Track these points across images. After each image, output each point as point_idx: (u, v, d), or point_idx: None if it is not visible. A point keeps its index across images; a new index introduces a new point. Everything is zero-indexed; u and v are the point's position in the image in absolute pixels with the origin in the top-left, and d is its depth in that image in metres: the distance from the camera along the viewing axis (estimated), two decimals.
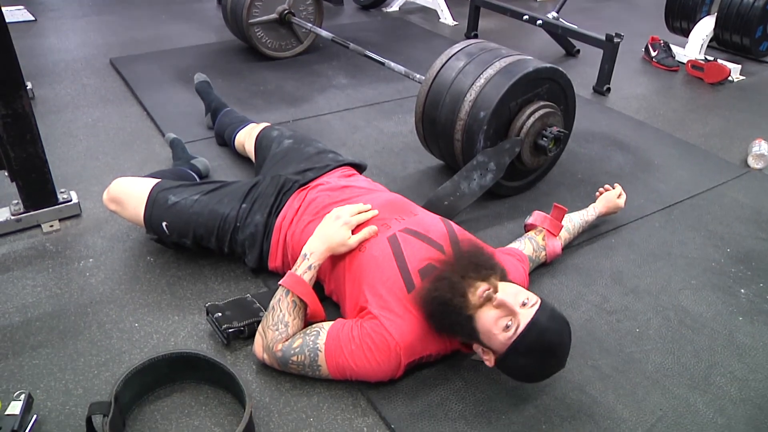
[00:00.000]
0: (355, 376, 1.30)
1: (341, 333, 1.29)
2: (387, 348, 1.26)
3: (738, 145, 2.57)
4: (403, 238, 1.39)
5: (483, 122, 1.85)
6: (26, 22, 3.62)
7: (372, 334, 1.27)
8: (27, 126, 1.66)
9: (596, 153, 2.44)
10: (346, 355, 1.27)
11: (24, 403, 1.21)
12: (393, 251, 1.36)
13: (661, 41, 3.51)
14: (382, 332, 1.26)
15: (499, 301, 1.20)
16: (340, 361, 1.28)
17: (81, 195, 1.93)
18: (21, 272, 1.65)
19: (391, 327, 1.27)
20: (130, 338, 1.45)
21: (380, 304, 1.30)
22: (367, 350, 1.26)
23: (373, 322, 1.28)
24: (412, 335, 1.27)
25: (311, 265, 1.37)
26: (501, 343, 1.20)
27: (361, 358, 1.27)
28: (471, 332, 1.24)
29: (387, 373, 1.29)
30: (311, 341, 1.30)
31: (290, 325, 1.32)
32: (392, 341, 1.26)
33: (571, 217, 1.82)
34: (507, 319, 1.19)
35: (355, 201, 1.51)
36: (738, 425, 1.31)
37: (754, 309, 1.65)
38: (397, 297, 1.30)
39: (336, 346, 1.28)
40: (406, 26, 3.97)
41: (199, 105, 2.45)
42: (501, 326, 1.19)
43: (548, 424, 1.28)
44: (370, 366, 1.27)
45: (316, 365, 1.30)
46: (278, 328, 1.32)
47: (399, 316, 1.28)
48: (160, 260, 1.71)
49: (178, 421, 1.26)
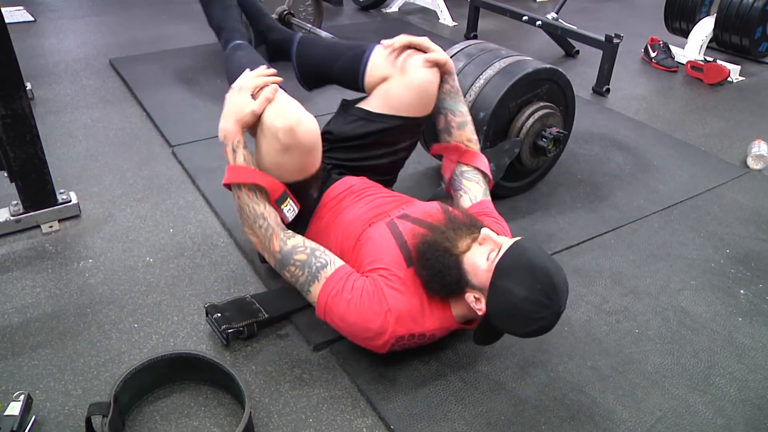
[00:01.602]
0: (335, 324, 1.30)
1: (346, 278, 1.29)
2: (379, 310, 1.25)
3: (737, 146, 2.58)
4: (402, 223, 1.40)
5: (482, 123, 1.85)
6: (26, 22, 3.62)
7: (371, 293, 1.27)
8: (26, 126, 1.66)
9: (596, 154, 2.44)
10: (340, 301, 1.27)
11: (23, 403, 1.21)
12: (392, 232, 1.38)
13: (660, 42, 3.51)
14: (379, 295, 1.27)
15: (483, 235, 1.25)
16: (331, 303, 1.27)
17: (80, 196, 1.93)
18: (20, 273, 1.65)
19: (388, 293, 1.27)
20: (130, 339, 1.45)
21: (382, 274, 1.31)
22: (360, 306, 1.26)
23: (374, 283, 1.29)
24: (405, 307, 1.27)
25: (233, 146, 1.32)
26: (486, 270, 1.22)
27: (351, 312, 1.26)
28: (459, 276, 1.26)
29: (370, 336, 1.27)
30: (315, 267, 1.30)
31: (265, 214, 1.32)
32: (385, 306, 1.26)
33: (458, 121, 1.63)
34: (490, 252, 1.23)
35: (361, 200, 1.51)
36: (737, 426, 1.31)
37: (754, 310, 1.65)
38: (398, 271, 1.31)
39: (334, 288, 1.28)
40: (405, 27, 3.97)
41: (199, 105, 2.45)
42: (485, 258, 1.23)
43: (548, 425, 1.29)
44: (356, 323, 1.26)
45: (307, 289, 1.30)
46: (260, 224, 1.32)
47: (397, 289, 1.28)
48: (159, 261, 1.71)
49: (177, 421, 1.26)
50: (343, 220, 1.47)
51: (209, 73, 2.53)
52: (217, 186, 2.02)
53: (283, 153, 1.29)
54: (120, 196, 2.00)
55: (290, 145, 1.28)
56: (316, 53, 1.71)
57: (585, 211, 2.06)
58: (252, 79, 1.35)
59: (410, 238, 1.34)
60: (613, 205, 2.10)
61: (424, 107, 1.58)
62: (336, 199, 1.52)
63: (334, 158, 1.62)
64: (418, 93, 1.54)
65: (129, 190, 2.04)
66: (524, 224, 1.96)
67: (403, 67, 1.54)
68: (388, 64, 1.57)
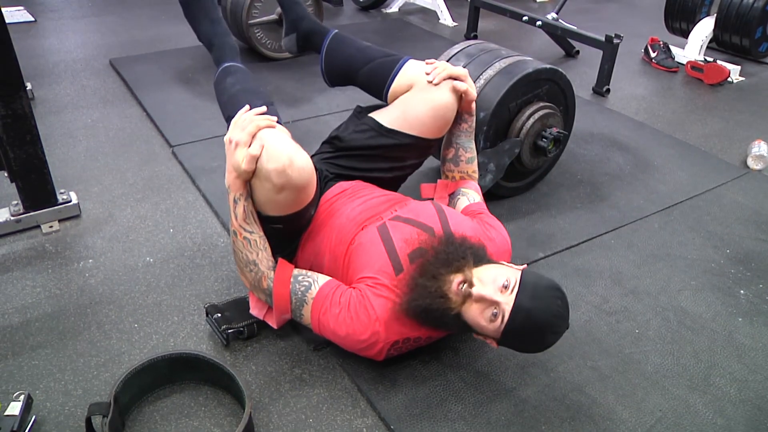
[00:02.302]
0: (333, 339, 1.32)
1: (331, 294, 1.30)
2: (368, 321, 1.26)
3: (737, 146, 2.57)
4: (393, 225, 1.39)
5: (482, 123, 1.85)
6: (26, 22, 3.62)
7: (357, 304, 1.27)
8: (27, 127, 1.66)
9: (596, 154, 2.44)
10: (329, 317, 1.28)
11: (23, 403, 1.21)
12: (382, 238, 1.37)
13: (660, 42, 3.51)
14: (366, 305, 1.27)
15: (477, 296, 1.20)
16: (323, 320, 1.29)
17: (80, 196, 1.93)
18: (20, 273, 1.65)
19: (375, 302, 1.27)
20: (130, 339, 1.45)
21: (368, 283, 1.31)
22: (349, 319, 1.26)
23: (361, 294, 1.29)
24: (394, 314, 1.27)
25: (235, 198, 1.32)
26: (493, 331, 1.22)
27: (341, 325, 1.27)
28: (464, 327, 1.27)
29: (364, 346, 1.28)
30: (300, 292, 1.32)
31: (257, 261, 1.34)
32: (373, 315, 1.26)
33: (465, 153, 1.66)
34: (491, 309, 1.20)
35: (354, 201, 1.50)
36: (737, 426, 1.31)
37: (754, 310, 1.65)
38: (385, 279, 1.31)
39: (322, 306, 1.29)
40: (405, 27, 3.97)
41: (199, 105, 2.45)
42: (488, 317, 1.21)
43: (548, 425, 1.29)
44: (348, 335, 1.27)
45: (299, 314, 1.33)
46: (250, 269, 1.35)
47: (385, 297, 1.28)
48: (159, 261, 1.71)
49: (177, 421, 1.26)
50: (336, 222, 1.45)
51: (209, 73, 2.53)
52: (217, 186, 2.03)
53: (277, 193, 1.28)
54: (120, 196, 2.00)
55: (284, 185, 1.26)
56: (347, 52, 1.70)
57: (585, 211, 2.06)
58: (243, 133, 1.28)
59: (402, 249, 1.33)
60: (613, 205, 2.10)
61: (438, 130, 1.57)
62: (329, 201, 1.51)
63: (338, 165, 1.60)
64: (435, 113, 1.53)
65: (129, 190, 2.04)
66: (524, 224, 1.96)
67: (429, 84, 1.53)
68: (416, 76, 1.55)
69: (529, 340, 1.25)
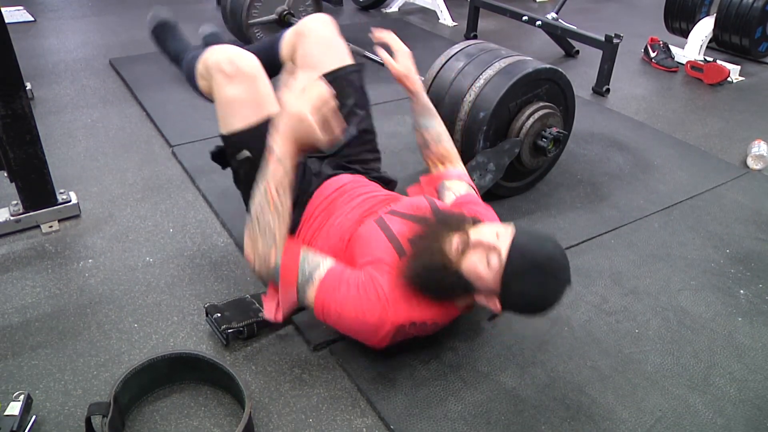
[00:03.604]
0: (334, 323, 1.29)
1: (339, 275, 1.29)
2: (376, 301, 1.25)
3: (737, 146, 2.58)
4: (389, 218, 1.40)
5: (482, 123, 1.85)
6: (26, 22, 3.62)
7: (366, 284, 1.27)
8: (26, 126, 1.66)
9: (596, 154, 2.44)
10: (336, 298, 1.26)
11: (23, 403, 1.21)
12: (381, 228, 1.38)
13: (660, 42, 3.51)
14: (375, 284, 1.26)
15: (474, 241, 1.24)
16: (327, 302, 1.27)
17: (80, 196, 1.93)
18: (20, 273, 1.65)
19: (384, 283, 1.27)
20: (130, 339, 1.45)
21: (375, 267, 1.31)
22: (357, 300, 1.25)
23: (368, 275, 1.29)
24: (401, 292, 1.27)
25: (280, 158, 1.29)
26: (493, 279, 1.22)
27: (348, 307, 1.25)
28: (465, 285, 1.26)
29: (370, 329, 1.26)
30: (308, 271, 1.30)
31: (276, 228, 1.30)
32: (383, 295, 1.25)
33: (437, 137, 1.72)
34: (490, 255, 1.21)
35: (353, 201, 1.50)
36: (737, 426, 1.31)
37: (754, 310, 1.65)
38: (390, 261, 1.31)
39: (330, 286, 1.28)
40: (405, 27, 3.97)
41: (199, 105, 2.44)
42: (486, 264, 1.22)
43: (548, 425, 1.29)
44: (356, 318, 1.25)
45: (303, 293, 1.30)
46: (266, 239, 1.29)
47: (390, 275, 1.29)
48: (159, 261, 1.71)
49: (177, 421, 1.26)
50: (335, 222, 1.46)
51: None
52: (217, 186, 2.03)
53: (229, 84, 1.42)
54: (120, 196, 2.00)
55: (233, 73, 1.42)
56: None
57: (585, 211, 2.06)
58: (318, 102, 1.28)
59: (402, 236, 1.34)
60: (613, 205, 2.10)
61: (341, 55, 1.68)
62: (328, 198, 1.51)
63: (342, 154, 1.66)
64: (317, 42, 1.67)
65: (129, 190, 2.04)
66: (524, 224, 1.96)
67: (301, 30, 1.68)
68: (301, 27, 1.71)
69: (530, 286, 1.22)
